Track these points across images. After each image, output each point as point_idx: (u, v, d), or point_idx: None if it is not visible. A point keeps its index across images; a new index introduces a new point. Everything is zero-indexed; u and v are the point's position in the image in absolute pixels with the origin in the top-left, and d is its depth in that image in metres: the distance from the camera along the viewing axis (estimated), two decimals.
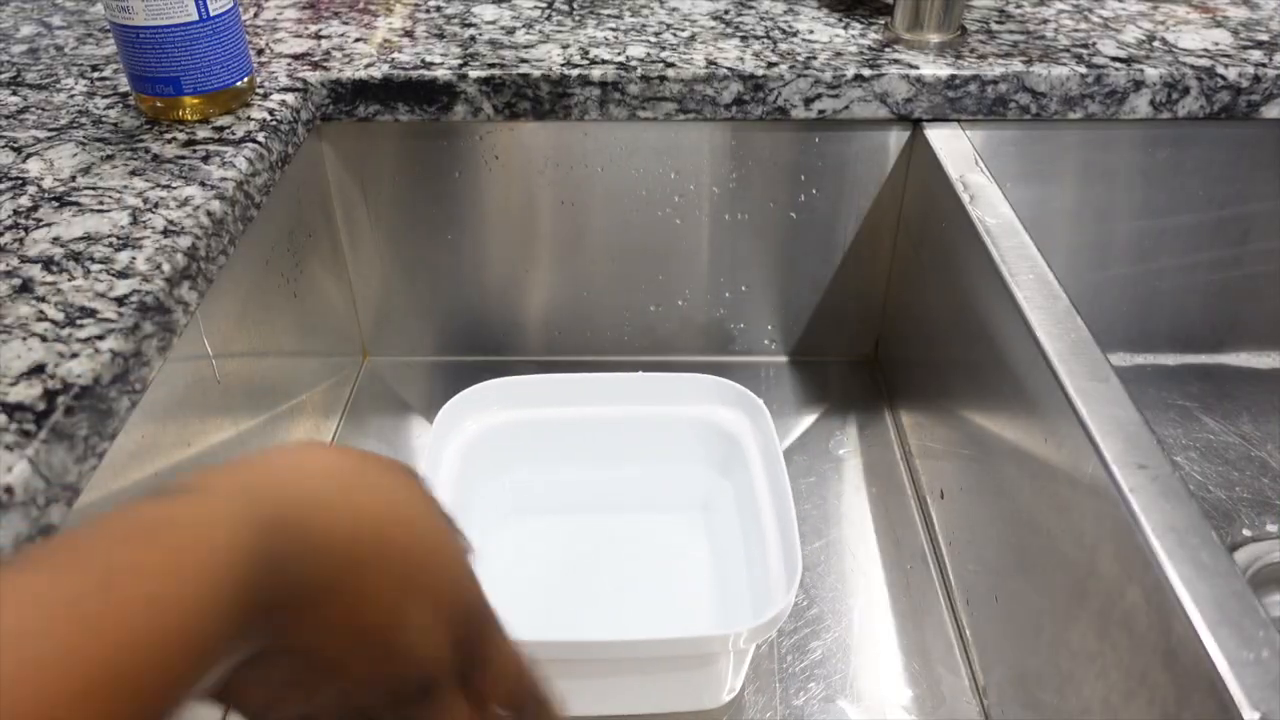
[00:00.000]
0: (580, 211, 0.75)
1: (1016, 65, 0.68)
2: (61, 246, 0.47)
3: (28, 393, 0.38)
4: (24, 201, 0.50)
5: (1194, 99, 0.68)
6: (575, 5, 0.78)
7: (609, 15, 0.76)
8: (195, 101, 0.58)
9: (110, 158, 0.55)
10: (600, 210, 0.75)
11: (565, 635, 0.57)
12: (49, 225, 0.48)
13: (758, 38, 0.72)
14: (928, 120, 0.69)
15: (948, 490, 0.65)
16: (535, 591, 0.62)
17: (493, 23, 0.75)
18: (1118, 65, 0.68)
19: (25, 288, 0.44)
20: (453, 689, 0.31)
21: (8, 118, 0.59)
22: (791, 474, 0.65)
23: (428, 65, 0.67)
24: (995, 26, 0.74)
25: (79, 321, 0.42)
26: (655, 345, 0.82)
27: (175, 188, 0.52)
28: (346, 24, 0.74)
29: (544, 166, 0.72)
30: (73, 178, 0.53)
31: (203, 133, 0.57)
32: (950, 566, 0.63)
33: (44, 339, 0.41)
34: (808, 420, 0.77)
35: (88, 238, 0.47)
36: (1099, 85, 0.67)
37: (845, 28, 0.74)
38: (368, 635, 0.28)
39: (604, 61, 0.68)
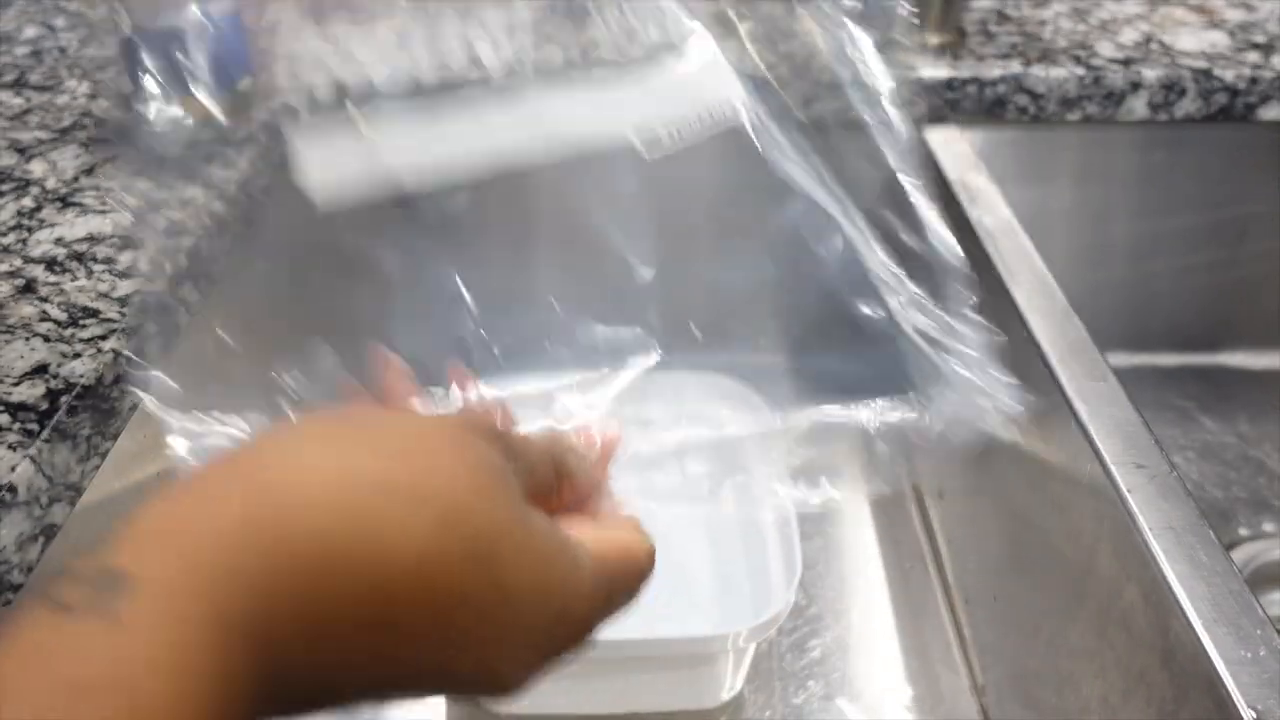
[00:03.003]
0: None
1: (1015, 67, 0.68)
2: (64, 247, 0.47)
3: (31, 392, 0.38)
4: (27, 202, 0.51)
5: (1191, 100, 0.68)
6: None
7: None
8: (198, 103, 0.58)
9: (113, 159, 0.55)
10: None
11: None
12: (52, 226, 0.49)
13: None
14: (927, 122, 0.69)
15: (947, 490, 0.65)
16: None
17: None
18: (1115, 67, 0.68)
19: (28, 288, 0.44)
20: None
21: (11, 119, 0.59)
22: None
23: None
24: (993, 28, 0.74)
25: (82, 322, 0.42)
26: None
27: (178, 188, 0.52)
28: (349, 26, 0.74)
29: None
30: (75, 179, 0.53)
31: (205, 134, 0.57)
32: (949, 566, 0.64)
33: (47, 339, 0.41)
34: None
35: (90, 238, 0.48)
36: (1097, 86, 0.67)
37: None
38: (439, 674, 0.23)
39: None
